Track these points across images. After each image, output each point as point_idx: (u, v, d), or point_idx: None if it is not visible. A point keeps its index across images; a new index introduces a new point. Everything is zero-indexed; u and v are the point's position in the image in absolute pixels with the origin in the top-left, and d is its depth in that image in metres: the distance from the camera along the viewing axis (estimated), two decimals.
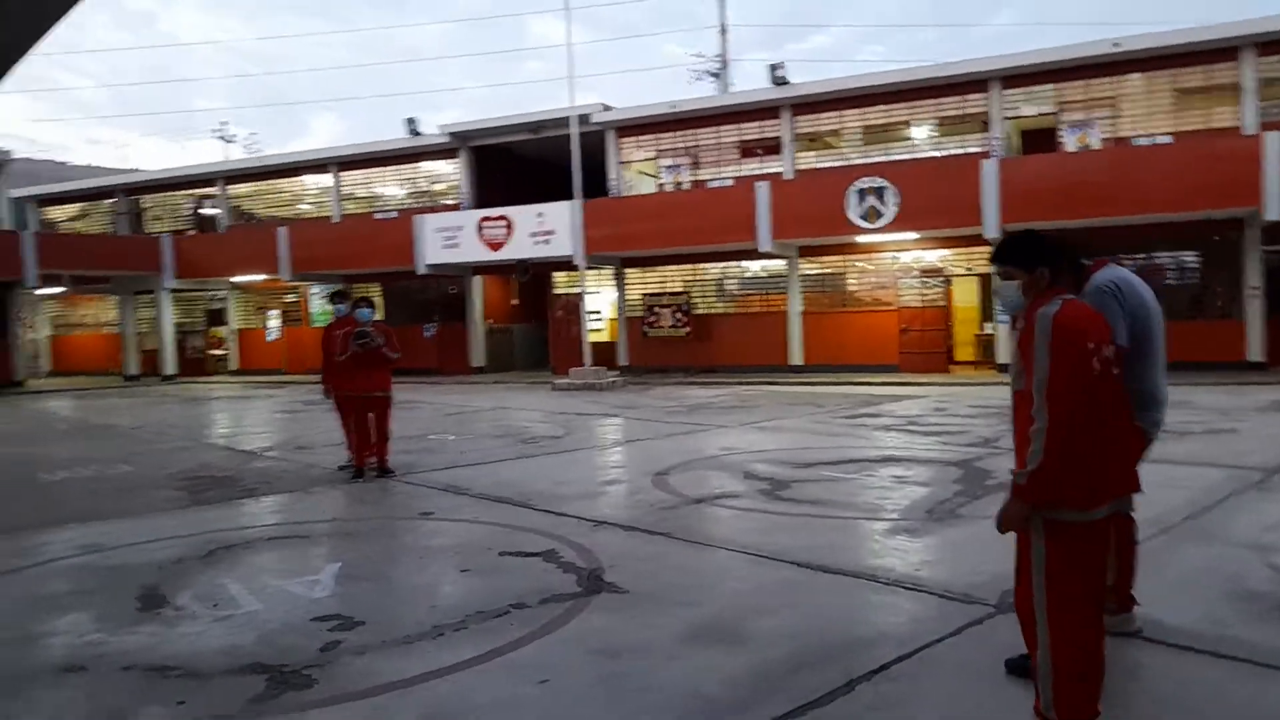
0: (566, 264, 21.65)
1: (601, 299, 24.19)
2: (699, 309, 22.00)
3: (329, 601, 4.64)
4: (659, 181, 22.80)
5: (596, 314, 24.58)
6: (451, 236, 22.57)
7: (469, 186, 24.97)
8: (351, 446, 8.61)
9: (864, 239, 19.25)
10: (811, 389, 17.09)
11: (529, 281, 24.22)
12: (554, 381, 19.31)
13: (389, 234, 23.85)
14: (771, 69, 21.02)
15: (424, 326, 25.34)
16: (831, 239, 19.56)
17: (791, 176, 20.87)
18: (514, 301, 25.69)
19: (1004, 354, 17.92)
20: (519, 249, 21.74)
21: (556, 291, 24.06)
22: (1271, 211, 15.09)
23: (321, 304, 27.16)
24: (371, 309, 8.58)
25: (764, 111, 21.44)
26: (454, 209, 24.36)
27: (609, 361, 22.22)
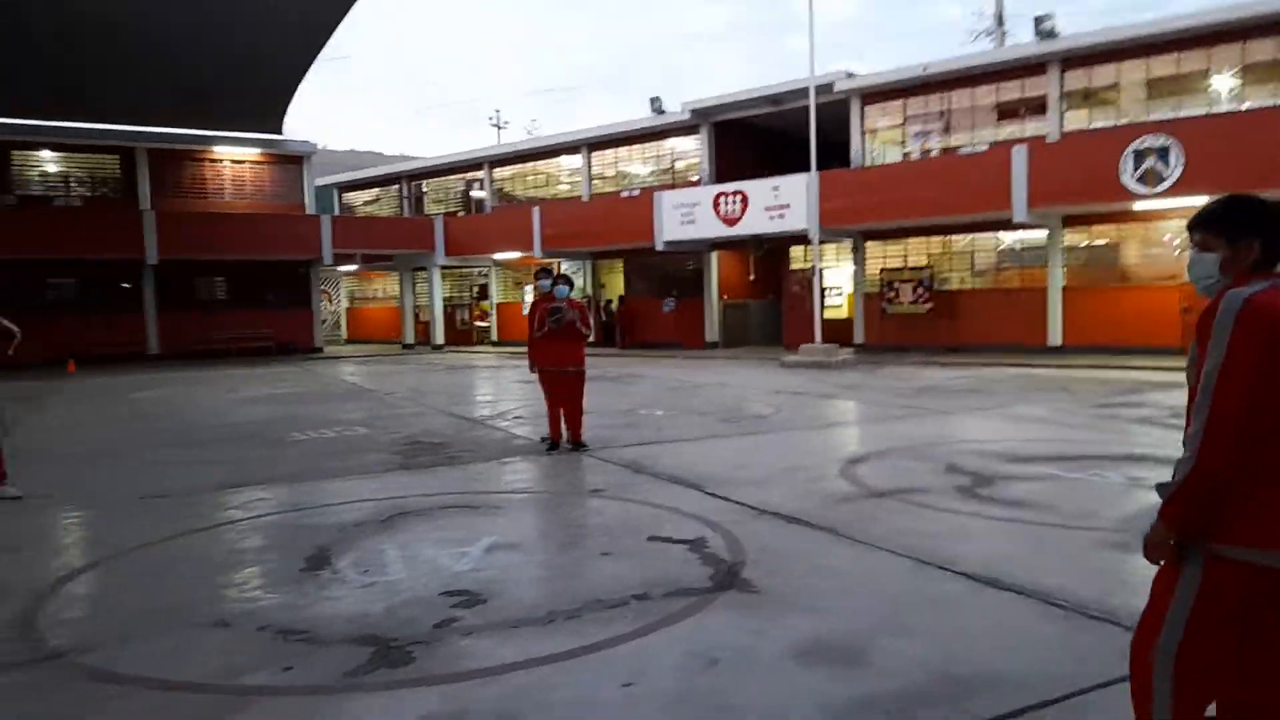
0: (803, 238, 21.01)
1: (841, 274, 23.31)
2: (946, 284, 20.55)
3: (468, 575, 4.70)
4: (905, 150, 21.48)
5: (836, 290, 23.76)
6: (688, 212, 22.64)
7: (709, 163, 24.92)
8: (550, 419, 8.82)
9: (1142, 205, 17.01)
10: (1068, 372, 15.41)
11: (767, 257, 23.82)
12: (783, 358, 18.86)
13: (630, 211, 24.37)
14: (1037, 21, 19.06)
15: (664, 301, 25.74)
16: (1100, 206, 17.49)
17: (1057, 139, 18.84)
18: (751, 277, 25.37)
19: None
20: (754, 224, 21.39)
21: (793, 267, 23.47)
22: None
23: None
24: (569, 287, 8.70)
25: (1028, 68, 19.50)
26: (695, 185, 24.42)
27: (847, 339, 21.38)
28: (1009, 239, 19.94)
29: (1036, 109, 19.48)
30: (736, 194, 21.64)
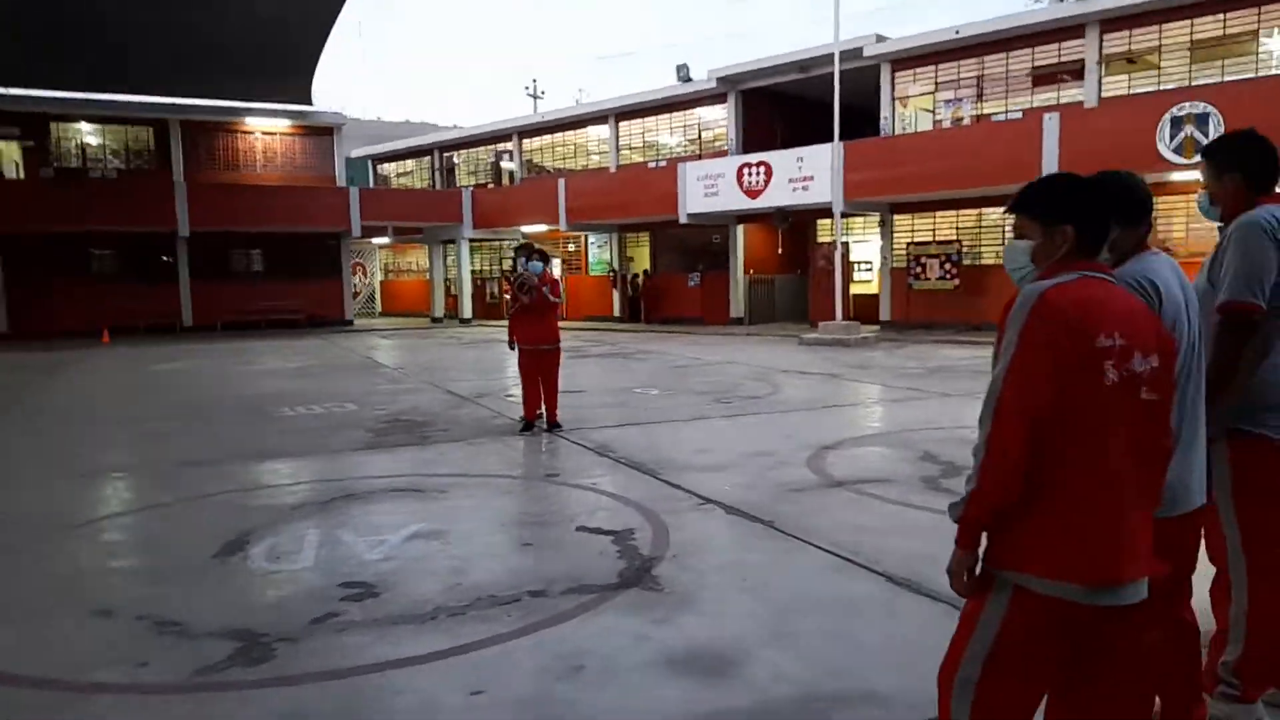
0: (829, 211, 20.49)
1: (871, 248, 22.74)
2: (976, 259, 19.90)
3: (374, 566, 4.56)
4: (937, 118, 20.77)
5: (866, 264, 23.21)
6: (712, 184, 22.23)
7: (736, 132, 24.41)
8: (525, 399, 8.67)
9: (1179, 176, 16.21)
10: None
11: (794, 230, 23.32)
12: (803, 336, 18.46)
13: (655, 183, 24.01)
14: None
15: (689, 276, 25.40)
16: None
17: (1094, 105, 18.03)
18: (778, 251, 24.92)
19: None
20: (777, 196, 20.91)
21: (819, 240, 22.94)
22: None
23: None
24: (543, 263, 8.51)
25: (1065, 30, 18.65)
26: (723, 156, 23.95)
27: (874, 315, 20.88)
28: None
29: (1074, 73, 18.65)
30: (760, 165, 21.16)
